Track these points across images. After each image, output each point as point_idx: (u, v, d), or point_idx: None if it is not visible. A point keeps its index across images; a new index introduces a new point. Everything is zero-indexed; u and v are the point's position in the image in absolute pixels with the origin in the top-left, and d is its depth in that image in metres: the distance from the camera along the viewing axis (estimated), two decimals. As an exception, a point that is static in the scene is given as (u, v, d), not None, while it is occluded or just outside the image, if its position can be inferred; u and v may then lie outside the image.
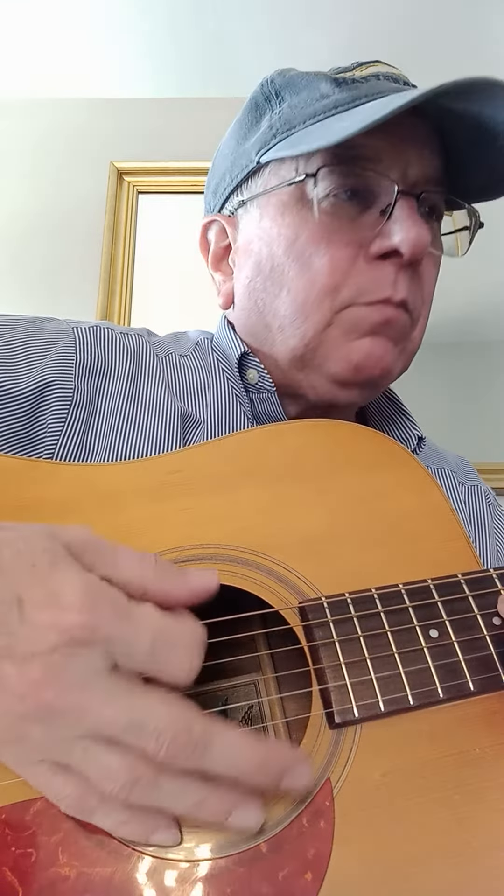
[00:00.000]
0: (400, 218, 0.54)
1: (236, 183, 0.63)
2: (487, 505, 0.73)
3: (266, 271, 0.59)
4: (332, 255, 0.55)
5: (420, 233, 0.53)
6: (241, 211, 0.64)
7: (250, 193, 0.62)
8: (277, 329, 0.59)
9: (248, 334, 0.63)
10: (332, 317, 0.56)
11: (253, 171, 0.61)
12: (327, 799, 0.35)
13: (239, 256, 0.64)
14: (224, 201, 0.66)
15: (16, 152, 1.46)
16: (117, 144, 1.46)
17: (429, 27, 1.30)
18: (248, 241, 0.62)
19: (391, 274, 0.55)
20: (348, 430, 0.50)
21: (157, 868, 0.32)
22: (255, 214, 0.61)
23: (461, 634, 0.40)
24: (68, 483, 0.44)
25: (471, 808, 0.35)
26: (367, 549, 0.44)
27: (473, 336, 1.30)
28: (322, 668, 0.38)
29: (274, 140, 0.58)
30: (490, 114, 0.52)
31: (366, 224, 0.55)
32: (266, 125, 0.60)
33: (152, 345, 0.63)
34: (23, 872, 0.31)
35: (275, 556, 0.42)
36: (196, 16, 1.30)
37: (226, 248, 0.67)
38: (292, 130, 0.57)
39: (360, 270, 0.55)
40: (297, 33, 1.33)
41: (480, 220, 0.63)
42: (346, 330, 0.56)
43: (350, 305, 0.55)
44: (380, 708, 0.37)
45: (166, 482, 0.45)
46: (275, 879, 0.32)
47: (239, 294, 0.64)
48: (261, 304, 0.60)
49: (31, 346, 0.56)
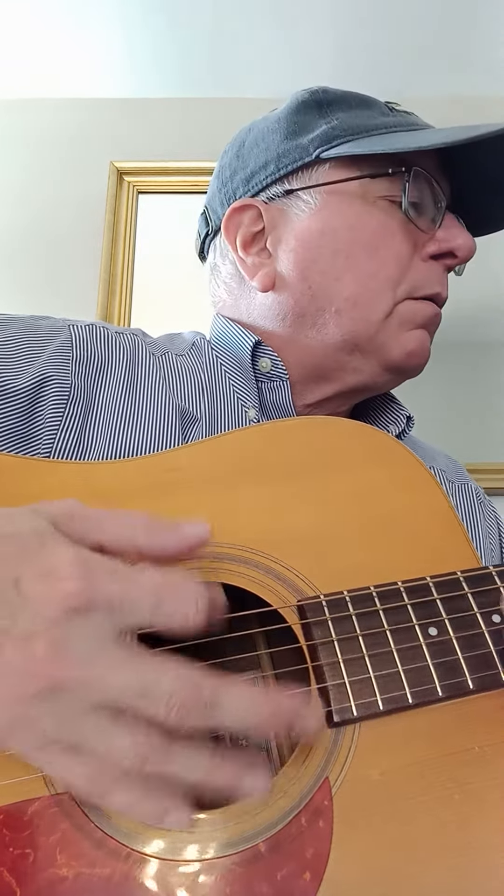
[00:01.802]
0: (451, 226, 0.64)
1: (283, 173, 0.66)
2: (479, 503, 0.74)
3: (327, 256, 0.63)
4: (398, 249, 0.62)
5: (469, 240, 0.63)
6: (287, 200, 0.66)
7: (303, 184, 0.65)
8: (334, 312, 0.62)
9: (291, 317, 0.65)
10: (393, 307, 0.62)
11: (308, 164, 0.65)
12: (326, 798, 0.35)
13: (285, 241, 0.66)
14: (261, 189, 0.68)
15: (16, 152, 1.45)
16: (117, 144, 1.45)
17: (431, 28, 1.29)
18: (302, 228, 0.65)
19: (440, 274, 0.64)
20: (347, 427, 0.49)
21: (155, 868, 0.32)
22: (311, 203, 0.65)
23: (460, 632, 0.40)
24: (65, 481, 0.43)
25: (470, 807, 0.35)
26: (366, 547, 0.44)
27: (473, 336, 1.29)
28: (320, 667, 0.38)
29: (338, 140, 0.63)
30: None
31: (421, 227, 0.63)
32: (325, 127, 0.64)
33: (147, 344, 0.63)
34: (21, 873, 0.31)
35: (273, 553, 0.42)
36: (197, 16, 1.29)
37: (256, 233, 0.68)
38: (357, 136, 0.63)
39: (418, 267, 0.63)
40: (299, 34, 1.33)
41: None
42: (402, 321, 0.62)
43: (406, 299, 0.62)
44: (378, 707, 0.37)
45: (163, 480, 0.45)
46: (273, 879, 0.32)
47: (287, 277, 0.65)
48: (317, 288, 0.63)
49: (28, 343, 0.56)
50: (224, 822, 0.34)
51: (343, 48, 1.34)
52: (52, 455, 0.51)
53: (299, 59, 1.37)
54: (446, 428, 1.21)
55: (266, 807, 0.34)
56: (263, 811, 0.34)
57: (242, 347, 0.64)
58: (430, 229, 0.63)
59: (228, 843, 0.33)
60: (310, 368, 0.64)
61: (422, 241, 0.63)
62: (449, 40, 1.32)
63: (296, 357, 0.64)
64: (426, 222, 0.63)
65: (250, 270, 0.67)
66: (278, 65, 1.38)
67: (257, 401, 0.63)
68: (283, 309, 0.65)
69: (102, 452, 0.53)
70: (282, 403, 0.64)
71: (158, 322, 1.19)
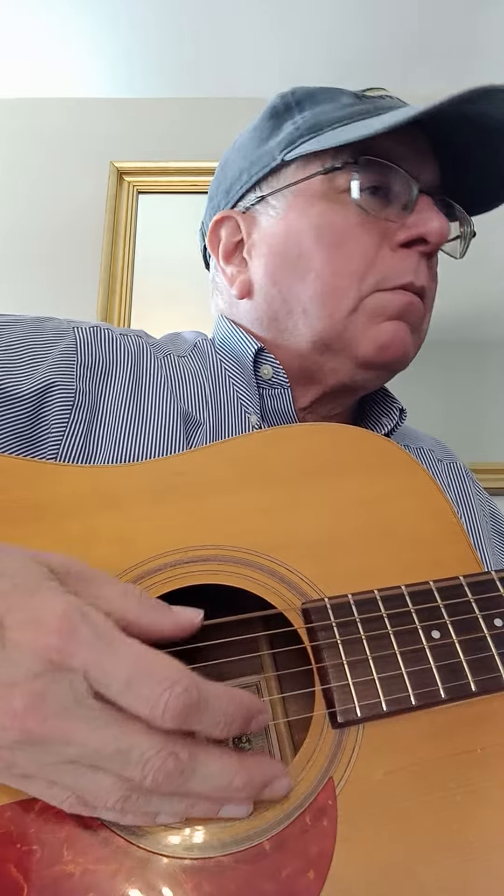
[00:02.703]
0: (423, 210, 0.60)
1: (255, 181, 0.66)
2: (469, 480, 0.75)
3: (293, 258, 0.62)
4: (362, 243, 0.60)
5: (443, 223, 0.59)
6: (259, 206, 0.66)
7: (271, 189, 0.65)
8: (301, 313, 0.61)
9: (266, 322, 0.65)
10: (358, 303, 0.60)
11: (275, 168, 0.64)
12: (330, 798, 0.35)
13: (257, 247, 0.66)
14: (238, 199, 0.68)
15: (16, 152, 1.45)
16: (117, 144, 1.45)
17: (430, 28, 1.30)
18: (271, 232, 0.64)
19: (413, 262, 0.60)
20: (350, 433, 0.50)
21: (160, 865, 0.33)
22: (279, 207, 0.64)
23: (463, 636, 0.41)
24: (71, 485, 0.44)
25: (473, 808, 0.36)
26: (370, 552, 0.44)
27: (473, 336, 1.30)
28: (324, 668, 0.39)
29: (300, 140, 0.62)
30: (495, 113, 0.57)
31: (389, 217, 0.60)
32: (290, 128, 0.63)
33: (151, 346, 0.63)
34: (27, 869, 0.32)
35: (277, 557, 0.43)
36: (196, 16, 1.29)
37: (237, 243, 0.68)
38: (321, 132, 0.61)
39: (385, 258, 0.60)
40: (298, 35, 1.33)
41: (474, 229, 0.69)
42: (371, 314, 0.60)
43: (375, 291, 0.60)
44: (382, 708, 0.38)
45: (169, 484, 0.45)
46: (277, 877, 0.33)
47: (259, 283, 0.65)
48: (285, 290, 0.62)
49: (32, 347, 0.56)
50: (229, 820, 0.34)
51: (342, 48, 1.34)
52: (58, 458, 0.51)
53: (299, 58, 1.37)
54: (446, 428, 1.21)
55: (271, 806, 0.35)
56: (268, 810, 0.34)
57: (245, 354, 0.64)
58: (402, 216, 0.60)
59: (233, 841, 0.33)
60: (296, 371, 0.64)
61: (392, 230, 0.60)
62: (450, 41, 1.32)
63: (283, 362, 0.64)
64: (396, 210, 0.61)
65: (230, 280, 0.68)
66: (279, 65, 1.38)
67: (259, 407, 0.63)
68: (258, 315, 0.66)
69: (109, 454, 0.53)
70: (283, 410, 0.64)
71: (158, 322, 1.20)
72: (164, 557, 0.42)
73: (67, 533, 0.42)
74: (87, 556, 0.41)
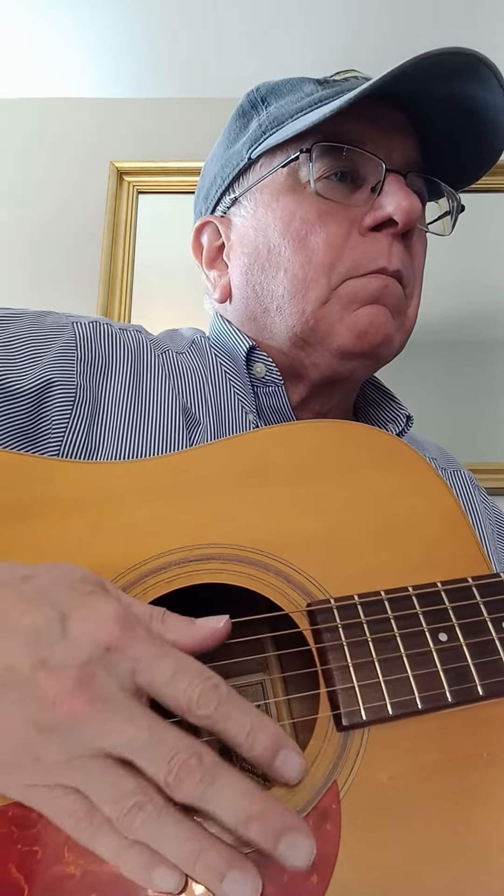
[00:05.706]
0: (391, 191, 0.57)
1: (227, 183, 0.66)
2: (473, 487, 0.74)
3: (263, 255, 0.61)
4: (328, 233, 0.58)
5: (412, 201, 0.56)
6: (233, 209, 0.66)
7: (242, 189, 0.65)
8: (276, 310, 0.61)
9: (248, 322, 0.65)
10: (330, 293, 0.58)
11: (244, 168, 0.64)
12: (334, 802, 0.35)
13: (234, 250, 0.66)
14: (216, 203, 0.68)
15: (16, 152, 1.45)
16: (117, 144, 1.46)
17: (427, 27, 1.30)
18: (243, 233, 0.64)
19: (385, 246, 0.58)
20: (357, 430, 0.50)
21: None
22: (248, 206, 0.64)
23: (470, 639, 0.40)
24: (74, 481, 0.43)
25: (478, 813, 0.35)
26: (376, 551, 0.44)
27: (473, 336, 1.30)
28: (330, 670, 0.38)
29: (264, 136, 0.62)
30: (470, 94, 0.56)
31: (357, 202, 0.59)
32: (255, 126, 0.63)
33: (150, 341, 0.63)
34: (28, 870, 0.31)
35: (283, 556, 0.42)
36: (195, 17, 1.30)
37: (219, 248, 0.68)
38: (282, 125, 0.61)
39: (355, 245, 0.58)
40: (296, 35, 1.33)
41: (461, 203, 0.67)
42: (345, 303, 0.58)
43: (347, 279, 0.58)
44: (388, 711, 0.37)
45: (173, 482, 0.45)
46: (280, 881, 0.32)
47: (236, 284, 0.65)
48: (258, 289, 0.62)
49: (32, 342, 0.56)
50: None
51: (342, 48, 1.35)
52: (60, 454, 0.51)
53: (300, 58, 1.37)
54: (446, 428, 1.21)
55: None
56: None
57: (238, 352, 0.64)
58: (369, 200, 0.58)
59: (236, 845, 0.33)
60: (285, 369, 0.63)
61: (359, 215, 0.58)
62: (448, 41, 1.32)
63: (276, 358, 0.63)
64: (366, 193, 0.59)
65: (213, 285, 0.69)
66: (277, 66, 1.38)
67: (254, 405, 0.63)
68: (239, 316, 0.66)
69: (112, 450, 0.52)
70: (279, 408, 0.64)
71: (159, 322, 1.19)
72: (169, 556, 0.41)
73: (71, 529, 0.41)
74: (91, 552, 0.41)
